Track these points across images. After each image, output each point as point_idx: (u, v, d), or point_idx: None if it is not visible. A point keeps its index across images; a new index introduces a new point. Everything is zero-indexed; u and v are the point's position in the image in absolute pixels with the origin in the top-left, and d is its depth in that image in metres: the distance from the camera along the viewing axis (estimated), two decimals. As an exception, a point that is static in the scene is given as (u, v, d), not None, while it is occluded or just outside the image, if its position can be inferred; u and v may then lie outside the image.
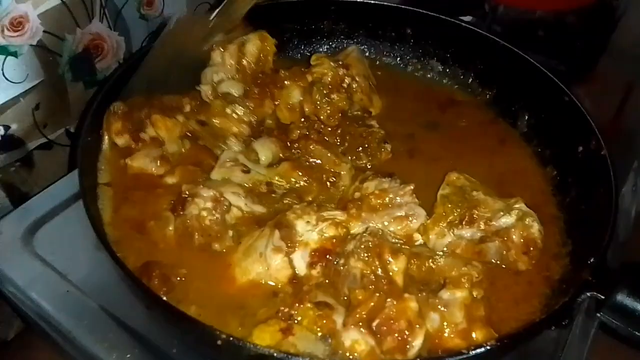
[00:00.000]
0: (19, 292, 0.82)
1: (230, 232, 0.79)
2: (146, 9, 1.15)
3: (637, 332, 0.65)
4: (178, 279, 0.75)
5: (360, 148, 0.92)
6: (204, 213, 0.78)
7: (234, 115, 0.91)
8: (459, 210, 0.80)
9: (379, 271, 0.71)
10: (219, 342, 0.62)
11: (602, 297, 0.66)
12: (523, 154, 0.97)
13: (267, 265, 0.75)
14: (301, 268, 0.75)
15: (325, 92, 0.94)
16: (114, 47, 1.12)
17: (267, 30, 0.99)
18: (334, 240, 0.76)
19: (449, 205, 0.81)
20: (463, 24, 1.06)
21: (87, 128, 0.84)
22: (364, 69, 1.02)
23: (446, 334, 0.67)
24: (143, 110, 0.89)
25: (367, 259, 0.71)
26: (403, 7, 1.10)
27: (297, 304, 0.69)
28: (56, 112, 1.06)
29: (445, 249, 0.79)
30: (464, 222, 0.79)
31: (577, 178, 0.88)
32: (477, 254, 0.78)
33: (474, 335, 0.66)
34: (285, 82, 0.96)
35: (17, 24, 0.93)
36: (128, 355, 0.75)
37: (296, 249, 0.75)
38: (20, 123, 1.00)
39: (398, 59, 1.13)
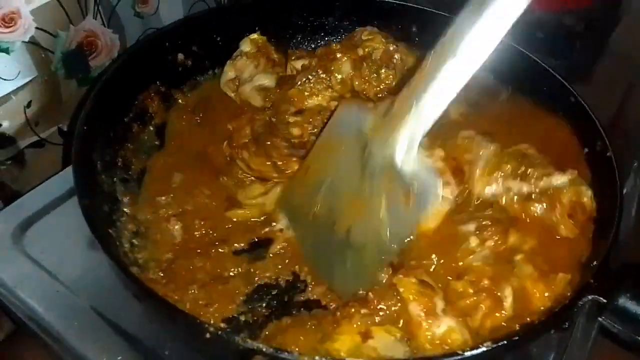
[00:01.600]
0: (8, 292, 0.81)
1: None
2: (141, 6, 1.14)
3: (638, 337, 0.64)
4: None
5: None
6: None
7: (314, 89, 0.95)
8: (515, 163, 0.81)
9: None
10: (207, 335, 0.61)
11: (604, 300, 0.65)
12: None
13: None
14: None
15: (374, 67, 0.97)
16: (108, 44, 1.10)
17: (271, 26, 1.00)
18: None
19: (505, 158, 0.82)
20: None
21: (83, 119, 0.82)
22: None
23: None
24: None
25: None
26: (409, 4, 1.09)
27: (400, 275, 0.69)
28: (48, 110, 1.04)
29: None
30: (517, 175, 0.80)
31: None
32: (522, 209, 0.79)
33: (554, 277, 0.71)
34: (337, 54, 0.98)
35: (9, 20, 0.91)
36: (119, 358, 0.74)
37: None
38: (11, 121, 0.99)
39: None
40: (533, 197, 0.80)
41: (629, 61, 1.29)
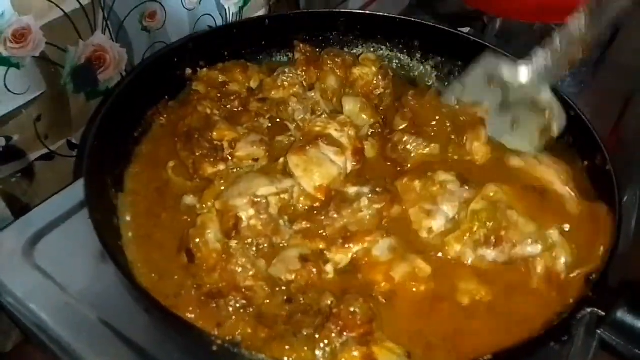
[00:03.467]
0: (18, 303, 0.82)
1: (281, 221, 0.80)
2: (148, 21, 1.15)
3: (637, 350, 0.65)
4: None
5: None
6: (253, 221, 0.78)
7: (285, 83, 0.98)
8: (486, 230, 0.78)
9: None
10: (214, 348, 0.62)
11: (603, 313, 0.66)
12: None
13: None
14: None
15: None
16: (116, 58, 1.12)
17: (277, 40, 1.03)
18: None
19: (477, 224, 0.79)
20: (472, 37, 1.07)
21: (95, 132, 0.83)
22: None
23: None
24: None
25: None
26: (411, 19, 1.11)
27: None
28: (58, 124, 1.06)
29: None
30: (489, 243, 0.78)
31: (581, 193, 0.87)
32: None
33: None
34: (325, 68, 1.02)
35: (20, 36, 0.93)
36: (127, 369, 0.75)
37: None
38: (21, 134, 1.00)
39: (407, 70, 1.14)
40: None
41: (627, 73, 1.30)
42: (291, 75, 1.00)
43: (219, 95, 0.98)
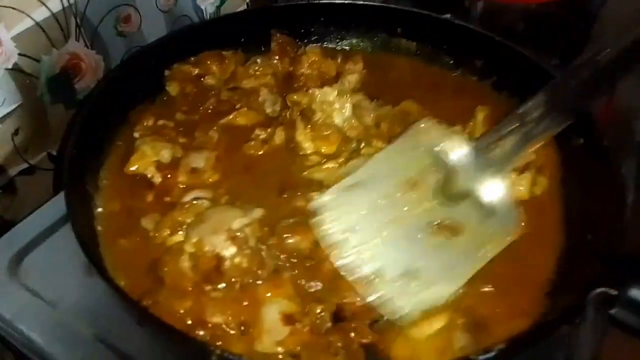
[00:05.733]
0: (7, 325, 0.79)
1: (263, 252, 0.73)
2: (123, 25, 1.12)
3: (654, 327, 0.63)
4: None
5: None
6: (237, 259, 0.71)
7: (257, 72, 0.96)
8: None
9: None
10: (213, 358, 0.59)
11: (615, 292, 0.64)
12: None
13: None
14: None
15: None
16: (93, 66, 1.09)
17: (257, 34, 0.99)
18: None
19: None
20: (456, 21, 1.04)
21: (72, 143, 0.80)
22: None
23: None
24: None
25: None
26: (393, 6, 1.08)
27: None
28: (37, 136, 1.03)
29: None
30: None
31: (580, 171, 0.86)
32: None
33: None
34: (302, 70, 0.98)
35: (-10, 48, 0.90)
36: (126, 385, 0.73)
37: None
38: (-1, 149, 0.97)
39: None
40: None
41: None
42: (264, 64, 0.97)
43: (195, 90, 0.95)
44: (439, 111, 0.88)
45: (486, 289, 0.72)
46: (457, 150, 0.77)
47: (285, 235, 0.73)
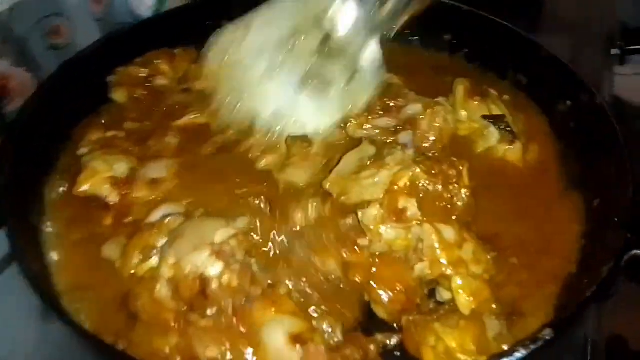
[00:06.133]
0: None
1: (254, 267, 0.64)
2: (53, 37, 1.01)
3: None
4: None
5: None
6: (225, 278, 0.61)
7: None
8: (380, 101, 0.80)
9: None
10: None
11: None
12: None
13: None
14: None
15: None
16: (22, 85, 0.97)
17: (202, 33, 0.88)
18: None
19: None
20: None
21: (6, 174, 0.71)
22: None
23: None
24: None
25: None
26: None
27: None
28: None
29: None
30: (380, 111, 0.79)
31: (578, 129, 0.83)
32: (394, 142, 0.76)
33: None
34: None
35: None
36: None
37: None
38: None
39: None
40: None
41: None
42: None
43: (146, 93, 0.85)
44: (422, 89, 0.84)
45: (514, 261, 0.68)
46: (346, 13, 0.80)
47: None
